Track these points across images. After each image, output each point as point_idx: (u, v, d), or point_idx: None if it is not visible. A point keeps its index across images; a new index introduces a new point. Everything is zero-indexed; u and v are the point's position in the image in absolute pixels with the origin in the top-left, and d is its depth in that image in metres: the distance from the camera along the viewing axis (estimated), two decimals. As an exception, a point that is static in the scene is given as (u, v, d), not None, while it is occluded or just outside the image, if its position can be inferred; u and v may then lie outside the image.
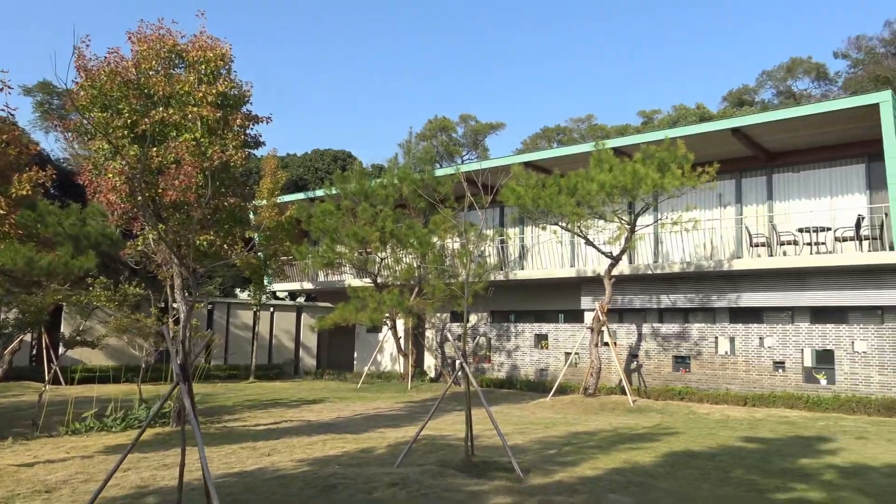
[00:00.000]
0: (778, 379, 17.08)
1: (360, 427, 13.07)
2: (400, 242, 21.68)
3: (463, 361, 9.04)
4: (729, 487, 7.95)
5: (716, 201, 20.98)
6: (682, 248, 20.72)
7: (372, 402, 18.19)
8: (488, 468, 8.61)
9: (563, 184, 16.97)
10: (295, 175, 47.09)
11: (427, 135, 60.41)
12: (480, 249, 23.53)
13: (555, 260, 23.34)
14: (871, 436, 12.26)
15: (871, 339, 16.03)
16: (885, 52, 48.00)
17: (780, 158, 20.15)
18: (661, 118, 55.31)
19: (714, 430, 12.68)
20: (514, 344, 22.01)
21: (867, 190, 18.79)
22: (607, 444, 10.97)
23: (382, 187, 22.40)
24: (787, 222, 19.65)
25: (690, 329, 18.68)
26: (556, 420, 14.19)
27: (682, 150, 16.18)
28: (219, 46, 13.24)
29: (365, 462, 9.26)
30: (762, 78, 54.84)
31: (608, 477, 8.35)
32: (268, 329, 28.12)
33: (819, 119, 17.61)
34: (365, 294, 21.33)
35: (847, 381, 16.17)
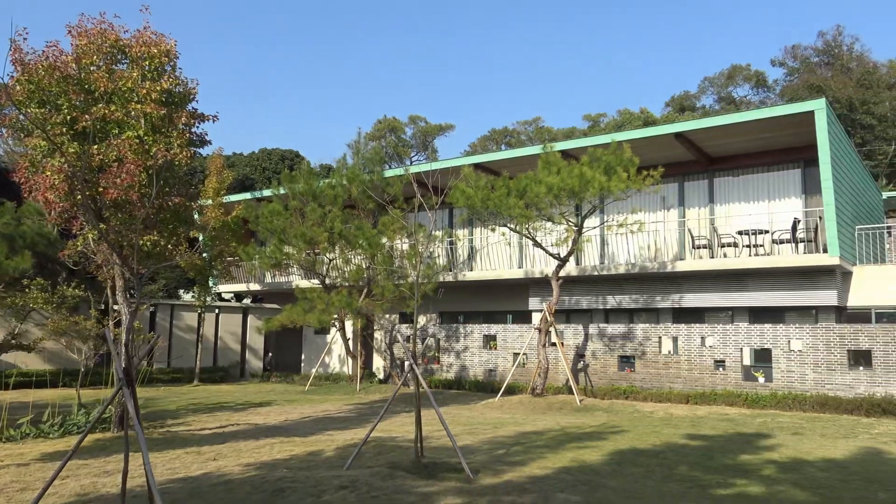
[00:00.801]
0: (719, 377, 17.57)
1: (308, 430, 12.94)
2: (349, 243, 21.55)
3: (412, 362, 9.04)
4: (673, 484, 8.14)
5: (660, 204, 21.46)
6: (627, 250, 21.13)
7: (320, 404, 18.03)
8: (438, 469, 8.64)
9: (512, 186, 17.13)
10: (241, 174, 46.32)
11: (376, 135, 60.19)
12: (430, 250, 23.57)
13: (503, 261, 23.54)
14: (806, 431, 12.72)
15: (805, 339, 16.62)
16: (818, 62, 49.84)
17: (721, 163, 20.74)
18: (607, 122, 56.34)
19: (658, 428, 12.96)
20: (463, 345, 22.11)
21: (803, 194, 19.48)
22: (555, 443, 11.11)
23: (331, 188, 22.23)
24: (727, 225, 20.23)
25: (635, 329, 19.06)
26: (504, 420, 14.31)
27: (627, 154, 16.50)
28: (163, 42, 12.95)
29: (313, 465, 9.17)
30: (704, 84, 56.32)
31: (557, 476, 8.46)
32: (213, 331, 27.59)
33: (757, 125, 18.18)
34: (313, 295, 21.13)
35: (784, 378, 16.74)
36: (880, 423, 13.90)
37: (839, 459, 9.83)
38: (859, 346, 15.99)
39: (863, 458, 9.97)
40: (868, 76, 43.93)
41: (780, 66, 52.71)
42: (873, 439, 11.89)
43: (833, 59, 48.53)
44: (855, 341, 16.03)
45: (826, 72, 46.93)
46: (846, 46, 48.81)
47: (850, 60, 47.46)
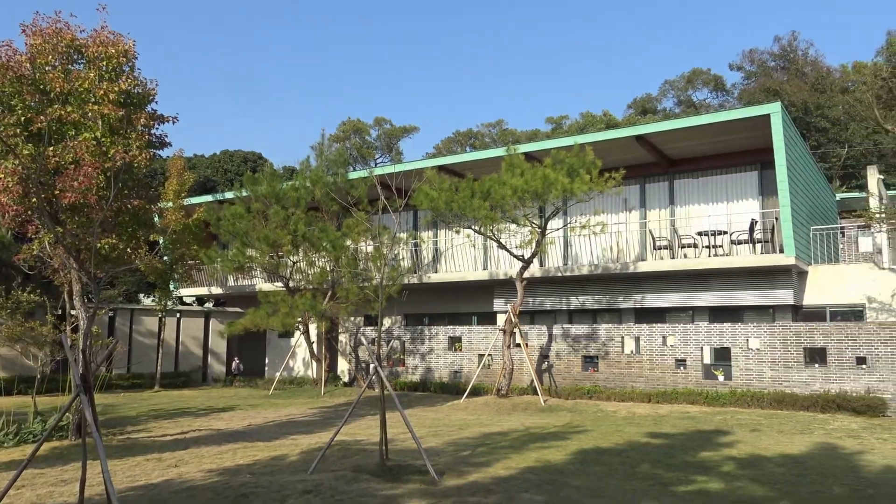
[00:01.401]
0: (680, 376, 17.85)
1: (271, 434, 12.82)
2: (313, 246, 21.39)
3: (377, 365, 9.02)
4: (636, 482, 8.25)
5: (622, 206, 21.74)
6: (590, 251, 21.36)
7: (284, 408, 17.87)
8: (403, 472, 8.63)
9: (477, 188, 17.19)
10: (203, 176, 45.72)
11: (341, 137, 59.92)
12: (394, 253, 23.53)
13: (468, 263, 23.60)
14: (764, 428, 13.00)
15: (763, 337, 16.98)
16: (775, 66, 50.97)
17: (681, 165, 21.08)
18: (570, 124, 56.88)
19: (621, 427, 13.12)
20: (428, 347, 22.11)
21: (760, 196, 19.90)
22: (520, 443, 11.18)
23: (294, 190, 22.05)
24: (687, 226, 20.57)
25: (598, 329, 19.27)
26: (469, 421, 14.34)
27: (590, 156, 16.68)
28: (121, 42, 12.73)
29: (277, 470, 9.09)
30: (665, 87, 57.21)
31: (521, 476, 8.51)
32: (174, 336, 27.15)
33: (716, 128, 18.53)
34: (277, 298, 20.93)
35: (742, 376, 17.07)
36: (835, 419, 14.27)
37: (796, 455, 10.07)
38: (815, 344, 16.38)
39: (818, 454, 10.23)
40: (822, 80, 45.06)
41: (739, 70, 53.79)
42: (828, 435, 12.20)
43: (789, 64, 49.68)
44: (810, 339, 16.43)
45: (782, 76, 48.02)
46: (801, 51, 50.01)
47: (804, 65, 48.63)
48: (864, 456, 10.01)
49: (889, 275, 17.76)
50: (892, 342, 15.57)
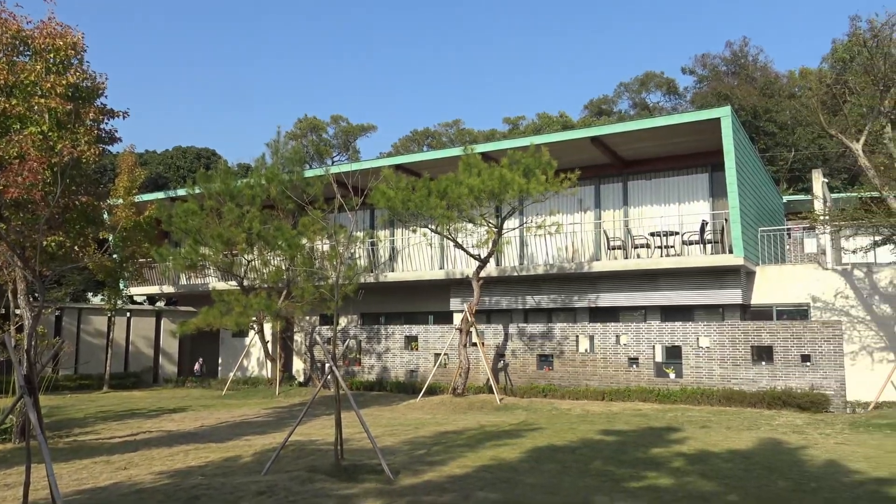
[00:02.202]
0: (633, 374, 18.14)
1: (224, 435, 12.64)
2: (268, 244, 21.14)
3: (332, 365, 8.97)
4: (589, 478, 8.37)
5: (577, 206, 22.00)
6: (545, 251, 21.56)
7: (238, 409, 17.63)
8: (358, 471, 8.60)
9: (433, 187, 17.20)
10: (154, 173, 44.83)
11: (297, 135, 59.34)
12: (350, 251, 23.39)
13: (425, 262, 23.61)
14: (713, 424, 13.30)
15: (713, 336, 17.38)
16: (726, 70, 52.16)
17: (635, 166, 21.43)
18: (526, 125, 57.30)
19: (575, 425, 13.28)
20: (384, 346, 22.05)
21: (710, 197, 20.35)
22: (475, 442, 11.24)
23: (249, 187, 21.75)
24: (640, 227, 20.92)
25: (553, 328, 19.47)
26: (425, 420, 14.36)
27: (546, 157, 16.83)
28: (70, 34, 12.40)
29: (230, 471, 8.97)
30: (619, 90, 58.07)
31: (476, 474, 8.56)
32: (124, 335, 26.55)
33: (668, 131, 18.90)
34: (230, 297, 20.62)
35: (693, 374, 17.44)
36: (780, 415, 14.69)
37: (743, 450, 10.34)
38: (762, 343, 16.83)
39: (764, 449, 10.51)
40: (771, 86, 46.28)
41: (691, 73, 54.89)
42: (774, 430, 12.55)
43: (739, 69, 50.90)
44: (758, 338, 16.87)
45: (733, 80, 49.15)
46: (751, 57, 51.30)
47: (754, 70, 49.90)
48: (807, 451, 10.33)
49: (832, 275, 18.34)
50: (835, 340, 16.09)
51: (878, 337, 17.52)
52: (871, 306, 17.74)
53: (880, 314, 17.60)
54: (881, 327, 17.53)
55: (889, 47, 15.12)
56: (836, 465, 9.24)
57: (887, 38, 15.13)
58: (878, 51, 15.21)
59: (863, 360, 17.51)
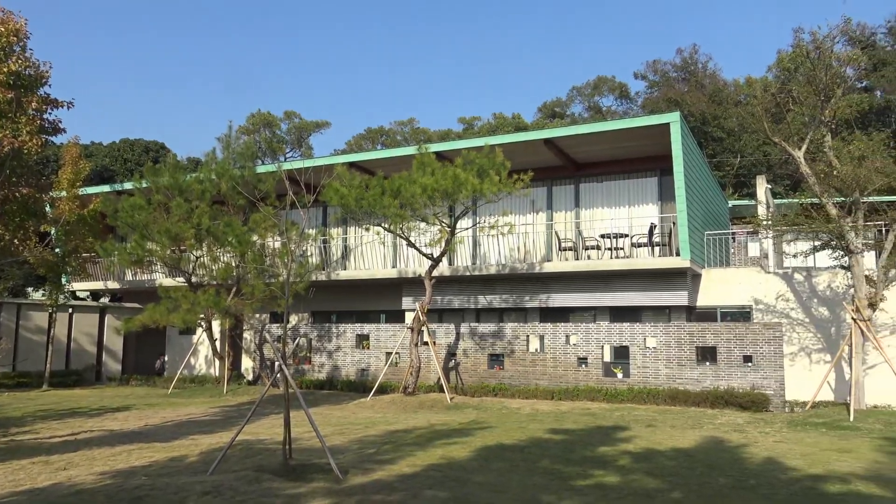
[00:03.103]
0: (581, 374, 18.41)
1: (169, 435, 12.39)
2: (217, 240, 20.78)
3: (282, 363, 8.88)
4: (537, 477, 8.47)
5: (529, 207, 22.20)
6: (498, 251, 21.71)
7: (184, 407, 17.30)
8: (307, 471, 8.53)
9: (387, 186, 17.16)
10: (100, 165, 43.70)
11: (250, 130, 58.48)
12: (302, 249, 23.15)
13: (377, 261, 23.53)
14: (658, 423, 13.59)
15: (659, 336, 17.74)
16: (676, 77, 53.29)
17: (587, 169, 21.74)
18: (481, 125, 57.58)
19: (524, 424, 13.41)
20: (335, 344, 21.90)
21: (659, 201, 20.77)
22: (425, 441, 11.26)
23: (199, 182, 21.35)
24: (591, 228, 21.23)
25: (505, 328, 19.61)
26: (376, 419, 14.32)
27: (499, 158, 16.94)
28: (12, 20, 12.01)
29: (175, 471, 8.81)
30: (572, 93, 58.80)
31: (425, 473, 8.58)
32: (66, 332, 25.77)
33: (619, 135, 19.22)
34: (178, 294, 20.20)
35: (640, 374, 17.78)
36: (723, 414, 15.08)
37: (687, 448, 10.59)
38: (706, 343, 17.26)
39: (707, 447, 10.79)
40: (719, 93, 47.42)
41: (643, 79, 55.90)
42: (716, 429, 12.89)
43: (689, 76, 52.04)
44: (702, 339, 17.29)
45: (683, 87, 50.25)
46: (701, 64, 52.50)
47: (703, 77, 51.06)
48: (747, 449, 10.63)
49: (774, 278, 18.91)
50: (776, 342, 16.60)
51: (816, 339, 18.13)
52: (809, 309, 18.35)
53: (818, 317, 18.22)
54: (819, 329, 18.15)
55: (830, 59, 15.64)
56: (775, 462, 9.53)
57: (829, 51, 15.66)
58: (819, 62, 15.73)
59: (801, 360, 18.11)
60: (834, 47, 15.77)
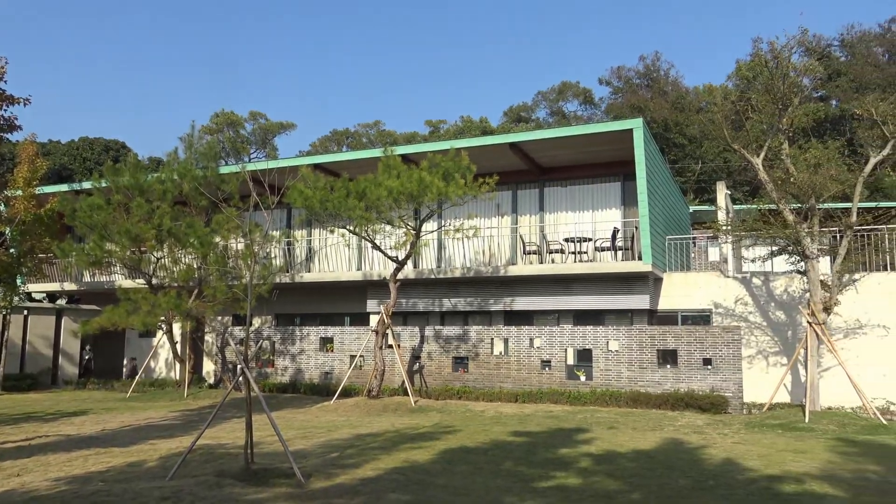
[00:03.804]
0: (545, 376, 18.54)
1: (127, 439, 12.17)
2: (179, 241, 20.47)
3: (244, 366, 8.79)
4: (500, 479, 8.51)
5: (494, 211, 22.30)
6: (463, 254, 21.76)
7: (143, 411, 17.00)
8: (269, 475, 8.45)
9: (352, 188, 17.10)
10: (58, 164, 42.80)
11: (213, 129, 57.78)
12: (266, 251, 22.94)
13: (342, 263, 23.41)
14: (620, 425, 13.75)
15: (622, 339, 17.96)
16: (639, 83, 54.09)
17: (551, 173, 21.92)
18: (448, 128, 57.69)
19: (488, 427, 13.46)
20: (298, 347, 21.72)
21: (622, 205, 21.03)
22: (389, 444, 11.23)
23: (160, 182, 21.01)
24: (555, 232, 21.41)
25: (469, 331, 19.66)
26: (339, 423, 14.24)
27: (465, 161, 17.00)
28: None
29: (133, 477, 8.65)
30: (538, 98, 59.26)
31: (388, 477, 8.56)
32: (20, 334, 25.13)
33: (583, 140, 19.43)
34: (138, 296, 19.84)
35: (602, 376, 17.97)
36: (683, 416, 15.33)
37: (647, 450, 10.74)
38: (667, 346, 17.52)
39: (667, 449, 10.95)
40: (681, 100, 48.27)
41: (607, 84, 56.59)
42: (676, 431, 13.09)
43: (652, 82, 52.86)
44: (663, 342, 17.55)
45: (646, 93, 51.02)
46: (663, 71, 53.39)
47: (666, 84, 51.92)
48: (706, 450, 10.82)
49: (733, 282, 19.27)
50: (734, 345, 16.93)
51: (773, 342, 18.51)
52: (767, 313, 18.74)
53: (775, 320, 18.62)
54: (776, 333, 18.54)
55: (787, 69, 16.01)
56: (733, 463, 9.72)
57: (786, 61, 16.02)
58: (777, 72, 16.08)
59: (759, 363, 18.47)
60: (791, 57, 16.13)
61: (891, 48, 46.89)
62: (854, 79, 43.46)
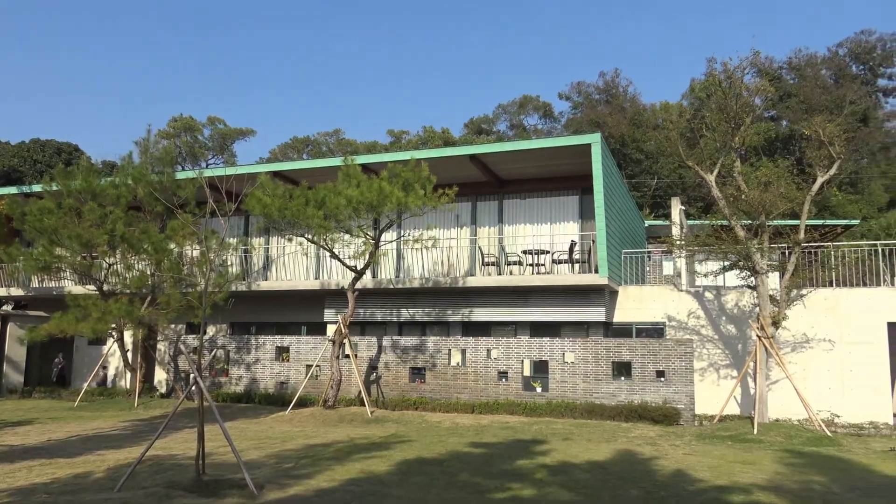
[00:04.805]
0: (502, 388, 18.62)
1: (74, 450, 11.84)
2: (132, 247, 20.04)
3: (197, 375, 8.65)
4: (455, 491, 8.51)
5: (454, 222, 22.39)
6: (422, 265, 21.77)
7: (91, 421, 16.57)
8: (220, 486, 8.32)
9: (311, 196, 16.99)
10: (7, 166, 41.66)
11: (170, 134, 56.88)
12: (222, 258, 22.61)
13: (300, 272, 23.21)
14: (575, 437, 13.88)
15: (578, 351, 18.16)
16: (599, 99, 54.95)
17: (510, 186, 22.10)
18: (410, 138, 57.79)
19: (444, 438, 13.46)
20: (254, 357, 21.43)
21: (579, 219, 21.31)
22: (344, 455, 11.15)
23: (114, 187, 20.58)
24: (514, 244, 21.57)
25: (427, 342, 19.66)
26: (294, 433, 14.08)
27: (425, 172, 17.04)
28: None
29: (79, 488, 8.43)
30: (498, 111, 59.77)
31: (343, 488, 8.50)
32: (-38, 341, 24.28)
33: (542, 153, 19.65)
34: (88, 302, 19.37)
35: (558, 388, 18.13)
36: (636, 428, 15.54)
37: (601, 461, 10.86)
38: (622, 359, 17.76)
39: (620, 460, 11.09)
40: (638, 116, 49.17)
41: (567, 99, 57.35)
42: (630, 442, 13.27)
43: (611, 98, 53.75)
44: (618, 354, 17.79)
45: (605, 109, 51.85)
46: (622, 88, 54.34)
47: (625, 101, 52.85)
48: (658, 461, 10.99)
49: (686, 296, 19.66)
50: (687, 357, 17.26)
51: (724, 355, 18.92)
52: (718, 326, 19.15)
53: (726, 334, 19.03)
54: (727, 346, 18.95)
55: (740, 89, 16.46)
56: (684, 474, 9.89)
57: (739, 81, 16.47)
58: (730, 91, 16.53)
59: (710, 376, 18.85)
60: (744, 78, 16.59)
61: (837, 71, 48.54)
62: (804, 100, 44.87)
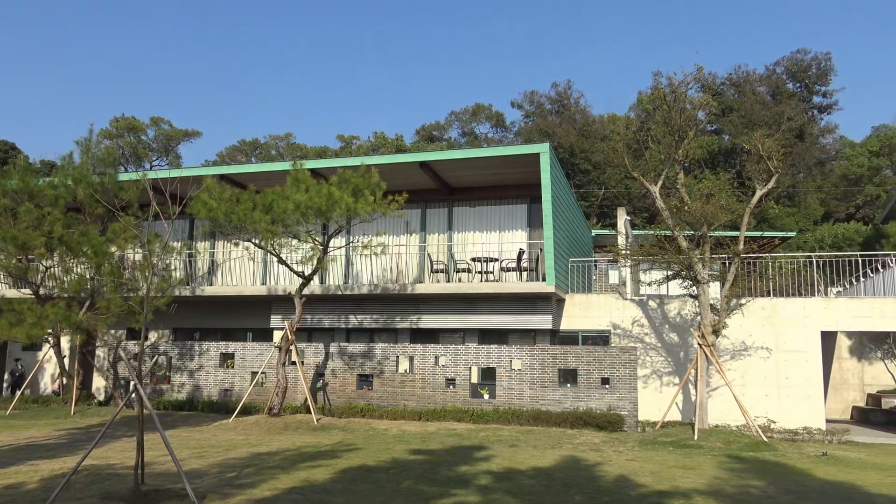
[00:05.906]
0: (449, 395, 18.64)
1: (5, 460, 11.40)
2: (71, 250, 19.42)
3: (137, 382, 8.43)
4: (399, 498, 8.48)
5: (403, 228, 22.37)
6: (371, 271, 21.68)
7: (24, 430, 15.97)
8: (160, 497, 8.12)
9: (259, 200, 16.77)
10: (-62, 163, 39.89)
11: (113, 134, 55.44)
12: (166, 262, 22.12)
13: (246, 277, 22.86)
14: (521, 443, 13.98)
15: (525, 359, 18.32)
16: (550, 109, 55.67)
17: (460, 193, 22.21)
18: (360, 144, 57.55)
19: (391, 445, 13.41)
20: (197, 363, 20.99)
21: (528, 227, 21.53)
22: (288, 463, 11.01)
23: (52, 187, 19.93)
24: (463, 252, 21.66)
25: (375, 349, 19.56)
26: (238, 442, 13.84)
27: (375, 178, 17.00)
28: None
29: (10, 500, 8.11)
30: (451, 118, 60.01)
31: (286, 497, 8.39)
32: None
33: (492, 161, 19.81)
34: (22, 307, 18.69)
35: (505, 395, 18.24)
36: (581, 434, 15.75)
37: (546, 468, 10.97)
38: (568, 366, 17.99)
39: (565, 466, 11.23)
40: (588, 127, 50.00)
41: (519, 108, 57.93)
42: (575, 448, 13.44)
43: (562, 109, 54.51)
44: (564, 361, 18.01)
45: (556, 119, 52.56)
46: (574, 99, 55.16)
47: (575, 111, 53.66)
48: (602, 467, 11.16)
49: (630, 305, 20.03)
50: (631, 365, 17.57)
51: (667, 362, 19.34)
52: (661, 334, 19.57)
53: (669, 342, 19.46)
54: (669, 353, 19.38)
55: (684, 103, 16.91)
56: (626, 479, 10.06)
57: (683, 95, 16.92)
58: (675, 105, 16.97)
59: (653, 382, 19.24)
60: (688, 92, 17.05)
61: (775, 88, 50.22)
62: (744, 115, 46.28)
